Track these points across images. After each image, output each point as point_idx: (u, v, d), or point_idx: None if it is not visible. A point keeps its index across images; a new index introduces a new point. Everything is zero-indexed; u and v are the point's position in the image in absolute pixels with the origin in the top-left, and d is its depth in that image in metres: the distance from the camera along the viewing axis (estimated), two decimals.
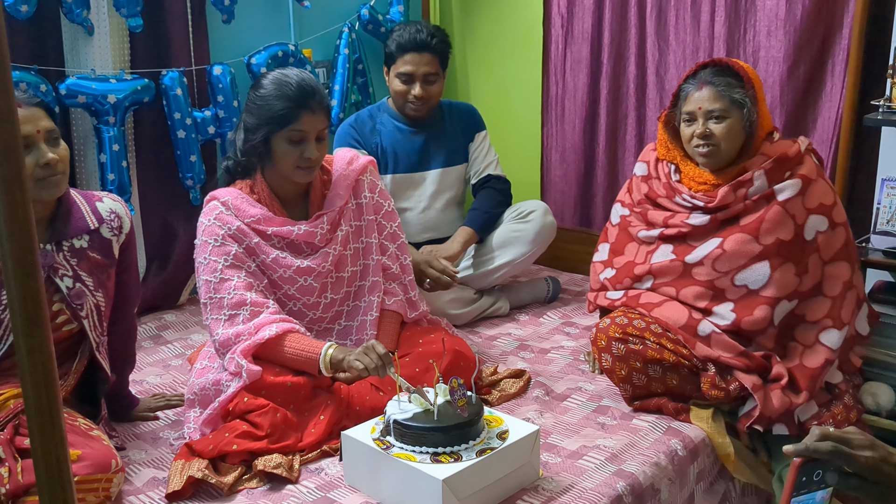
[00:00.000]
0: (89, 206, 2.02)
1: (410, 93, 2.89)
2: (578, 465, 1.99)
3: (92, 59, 2.81)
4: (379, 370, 1.94)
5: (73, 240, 1.96)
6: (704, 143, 2.25)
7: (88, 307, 1.97)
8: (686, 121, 2.29)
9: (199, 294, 2.17)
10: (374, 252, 2.35)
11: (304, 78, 2.15)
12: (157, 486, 1.92)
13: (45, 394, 0.83)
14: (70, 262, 1.95)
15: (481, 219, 2.98)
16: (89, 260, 1.98)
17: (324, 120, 2.17)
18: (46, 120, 1.85)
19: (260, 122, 2.14)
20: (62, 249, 1.94)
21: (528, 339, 2.84)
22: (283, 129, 2.12)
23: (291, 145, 2.14)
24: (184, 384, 2.44)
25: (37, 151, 1.81)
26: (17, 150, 0.80)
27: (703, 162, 2.29)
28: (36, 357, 0.82)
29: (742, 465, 2.17)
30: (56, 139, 1.86)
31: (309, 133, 2.14)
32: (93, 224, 2.00)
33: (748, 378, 2.17)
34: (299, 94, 2.12)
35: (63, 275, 1.92)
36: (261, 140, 2.16)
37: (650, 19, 3.20)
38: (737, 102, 2.22)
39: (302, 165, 2.16)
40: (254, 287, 2.14)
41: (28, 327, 0.81)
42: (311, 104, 2.13)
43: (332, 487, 1.90)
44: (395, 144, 2.97)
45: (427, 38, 2.87)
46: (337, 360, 2.02)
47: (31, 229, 0.81)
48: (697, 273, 2.28)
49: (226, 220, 2.16)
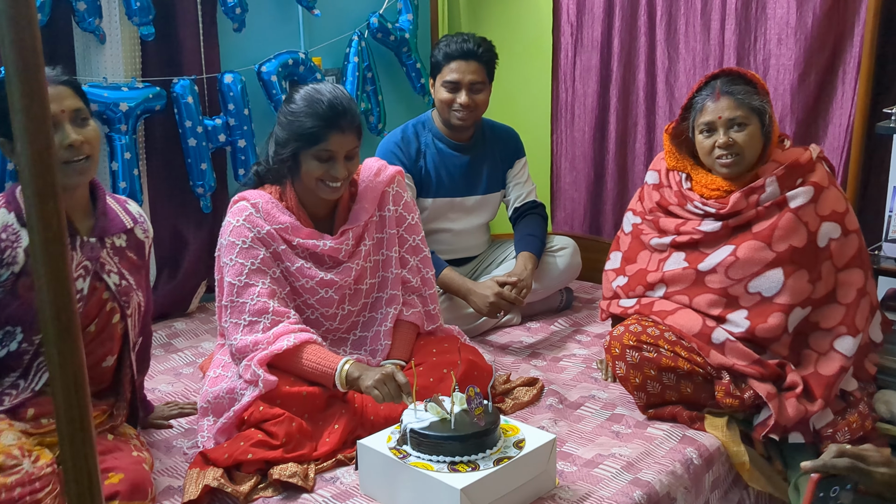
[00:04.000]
0: (121, 206, 2.00)
1: (456, 101, 2.88)
2: (594, 474, 1.98)
3: (104, 67, 2.82)
4: (395, 399, 1.93)
5: (114, 237, 1.92)
6: (727, 152, 2.24)
7: (133, 305, 1.94)
8: (704, 132, 2.28)
9: (219, 295, 2.16)
10: (393, 265, 2.33)
11: (336, 96, 2.12)
12: (172, 495, 1.91)
13: (77, 404, 0.83)
14: (113, 259, 1.91)
15: (538, 245, 2.99)
16: (128, 259, 1.95)
17: (354, 140, 2.14)
18: (73, 99, 1.76)
19: (289, 137, 2.13)
20: (105, 246, 1.90)
21: (539, 347, 2.83)
22: (311, 147, 2.11)
23: (319, 163, 2.13)
24: (195, 392, 2.43)
25: (61, 132, 1.71)
26: (51, 161, 0.79)
27: (725, 172, 2.28)
28: (67, 367, 0.82)
29: (757, 474, 2.16)
30: (84, 119, 1.77)
31: (338, 153, 2.12)
32: (128, 224, 1.97)
33: (762, 386, 2.16)
34: (330, 113, 2.09)
35: (109, 271, 1.89)
36: (289, 155, 2.15)
37: (660, 27, 3.20)
38: (755, 109, 2.21)
39: (328, 182, 2.15)
40: (276, 295, 2.13)
41: (60, 338, 0.81)
42: (341, 124, 2.10)
43: (348, 497, 1.89)
44: (438, 168, 2.97)
45: (474, 48, 2.87)
46: (353, 377, 2.01)
47: (64, 240, 0.80)
48: (710, 281, 2.27)
49: (255, 223, 2.15)
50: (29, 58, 0.77)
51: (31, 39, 0.77)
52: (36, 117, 0.78)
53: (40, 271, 0.80)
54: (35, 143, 0.78)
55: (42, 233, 0.79)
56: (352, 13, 3.55)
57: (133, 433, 1.98)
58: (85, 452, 0.84)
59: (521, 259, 2.90)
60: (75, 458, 0.84)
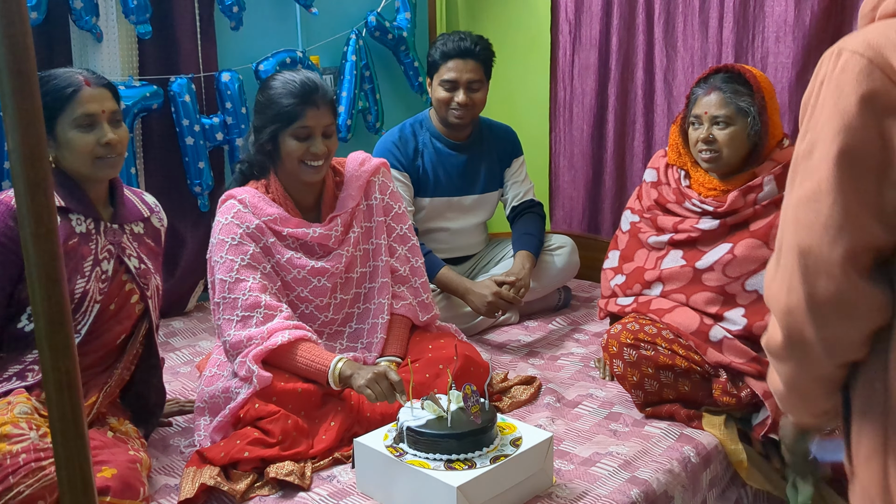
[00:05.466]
0: (137, 197, 2.10)
1: (454, 100, 2.87)
2: (592, 473, 1.98)
3: (101, 65, 2.82)
4: (388, 398, 1.94)
5: (133, 224, 2.04)
6: (707, 147, 2.26)
7: (152, 288, 2.04)
8: (693, 124, 2.30)
9: (212, 293, 2.16)
10: (382, 253, 2.35)
11: (307, 76, 2.19)
12: (168, 494, 1.91)
13: (69, 397, 0.82)
14: (132, 244, 2.01)
15: (536, 243, 2.99)
16: (146, 245, 2.06)
17: (329, 114, 2.19)
18: (111, 101, 1.90)
19: (266, 121, 2.18)
20: (125, 232, 2.01)
21: (537, 345, 2.83)
22: (289, 126, 2.15)
23: (298, 142, 2.16)
24: (193, 391, 2.43)
25: (99, 130, 1.86)
26: (43, 155, 0.79)
27: (706, 167, 2.30)
28: (60, 360, 0.82)
29: (755, 472, 2.16)
30: (118, 121, 1.91)
31: (315, 129, 2.16)
32: (145, 213, 2.09)
33: (759, 385, 2.16)
34: (303, 90, 2.15)
35: (130, 255, 1.99)
36: (269, 139, 2.18)
37: (658, 25, 3.20)
38: (742, 110, 2.22)
39: (309, 161, 2.17)
40: (268, 289, 2.14)
41: (52, 331, 0.81)
42: (314, 99, 2.15)
43: (345, 495, 1.89)
44: (436, 167, 2.96)
45: (471, 46, 2.87)
46: (346, 375, 2.01)
47: (55, 232, 0.80)
48: (707, 279, 2.27)
49: (244, 219, 2.16)
50: (20, 53, 0.77)
51: (23, 35, 0.77)
52: (27, 112, 0.78)
53: (32, 265, 0.80)
54: (27, 138, 0.78)
55: (34, 227, 0.79)
56: (349, 12, 3.55)
57: (135, 434, 1.98)
58: (78, 448, 0.84)
59: (519, 258, 2.89)
60: (68, 453, 0.84)
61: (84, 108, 1.84)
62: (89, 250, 1.90)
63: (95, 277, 1.89)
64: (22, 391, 1.79)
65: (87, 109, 1.84)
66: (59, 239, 0.82)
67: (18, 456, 1.60)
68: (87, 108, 1.84)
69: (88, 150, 1.85)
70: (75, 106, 1.83)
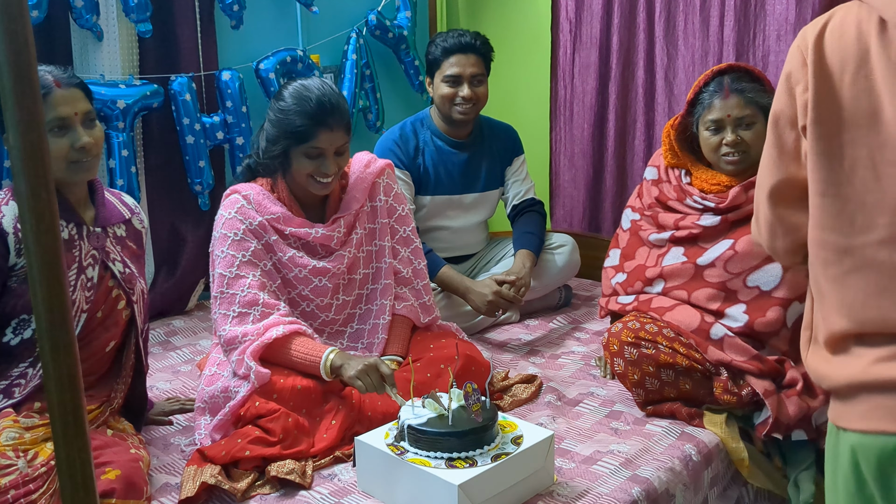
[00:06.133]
0: (117, 198, 2.05)
1: (458, 94, 2.86)
2: (593, 471, 1.98)
3: (101, 64, 2.82)
4: (378, 390, 1.94)
5: (115, 227, 1.99)
6: (734, 150, 2.24)
7: (137, 292, 1.99)
8: (711, 129, 2.27)
9: (212, 287, 2.16)
10: (386, 255, 2.34)
11: (325, 93, 2.12)
12: (169, 492, 1.91)
13: (70, 397, 0.82)
14: (115, 248, 1.97)
15: (537, 242, 2.99)
16: (128, 248, 2.01)
17: (343, 136, 2.15)
18: (84, 102, 1.82)
19: (279, 135, 2.14)
20: (108, 235, 1.96)
21: (538, 344, 2.83)
22: (301, 145, 2.12)
23: (309, 160, 2.14)
24: (193, 390, 2.43)
25: (73, 134, 1.78)
26: (44, 152, 0.79)
27: (730, 170, 2.28)
28: (61, 361, 0.81)
29: (756, 471, 2.16)
30: (92, 121, 1.84)
31: (327, 150, 2.13)
32: (126, 214, 2.04)
33: (760, 384, 2.15)
34: (318, 110, 2.09)
35: (114, 259, 1.94)
36: (280, 151, 2.15)
37: (659, 24, 3.20)
38: (761, 107, 2.21)
39: (318, 178, 2.16)
40: (267, 287, 2.13)
41: (54, 331, 0.80)
42: (330, 122, 2.11)
43: (346, 493, 1.88)
44: (436, 165, 2.96)
45: (472, 41, 2.87)
46: (336, 366, 2.02)
47: (57, 229, 0.80)
48: (709, 275, 2.27)
49: (247, 215, 2.16)
50: (21, 49, 0.77)
51: (23, 30, 0.77)
52: (28, 109, 0.78)
53: (33, 264, 0.79)
54: (27, 135, 0.78)
55: (35, 225, 0.78)
56: (350, 10, 3.54)
57: (132, 431, 1.98)
58: (79, 446, 0.84)
59: (520, 257, 2.89)
60: (69, 452, 0.83)
61: (55, 112, 1.75)
62: (73, 258, 1.85)
63: (81, 286, 1.85)
64: (9, 412, 1.74)
65: (59, 113, 1.75)
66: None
67: (7, 492, 1.54)
68: (58, 112, 1.75)
69: (62, 156, 1.77)
70: (46, 110, 1.71)
